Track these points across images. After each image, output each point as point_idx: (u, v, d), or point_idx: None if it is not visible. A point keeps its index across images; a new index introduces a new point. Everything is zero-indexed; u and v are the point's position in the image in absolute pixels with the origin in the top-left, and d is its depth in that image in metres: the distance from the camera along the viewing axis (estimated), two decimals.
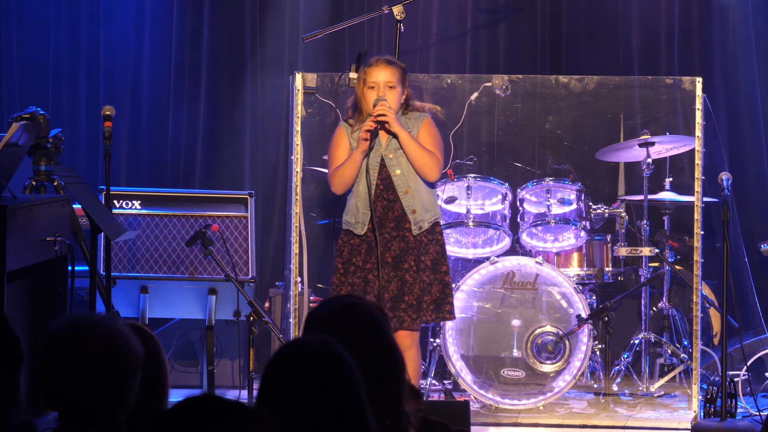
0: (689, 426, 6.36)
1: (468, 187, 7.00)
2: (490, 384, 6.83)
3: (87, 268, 6.09)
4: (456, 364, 6.78)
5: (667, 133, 7.22)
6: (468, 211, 7.01)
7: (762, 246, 7.20)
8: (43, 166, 6.17)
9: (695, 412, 6.48)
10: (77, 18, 8.31)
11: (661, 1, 8.06)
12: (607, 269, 7.19)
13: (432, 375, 6.96)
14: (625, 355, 7.13)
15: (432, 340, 6.98)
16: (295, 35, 8.13)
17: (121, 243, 6.93)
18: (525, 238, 7.10)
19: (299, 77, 6.58)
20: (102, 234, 5.91)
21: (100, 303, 5.99)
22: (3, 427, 2.87)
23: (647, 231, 7.11)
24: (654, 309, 7.25)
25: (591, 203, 7.16)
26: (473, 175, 7.05)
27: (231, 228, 7.05)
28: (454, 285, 6.25)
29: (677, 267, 7.23)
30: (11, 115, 6.06)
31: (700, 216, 6.52)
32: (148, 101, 8.31)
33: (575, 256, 7.20)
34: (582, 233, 7.06)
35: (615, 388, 7.02)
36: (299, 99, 6.55)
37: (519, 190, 7.14)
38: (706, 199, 6.74)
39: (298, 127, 6.52)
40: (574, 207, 7.08)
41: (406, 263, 5.73)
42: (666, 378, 7.08)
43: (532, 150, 7.84)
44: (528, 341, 6.84)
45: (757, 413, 6.53)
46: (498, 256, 6.94)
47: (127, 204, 7.06)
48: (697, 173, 6.54)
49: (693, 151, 6.66)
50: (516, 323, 6.86)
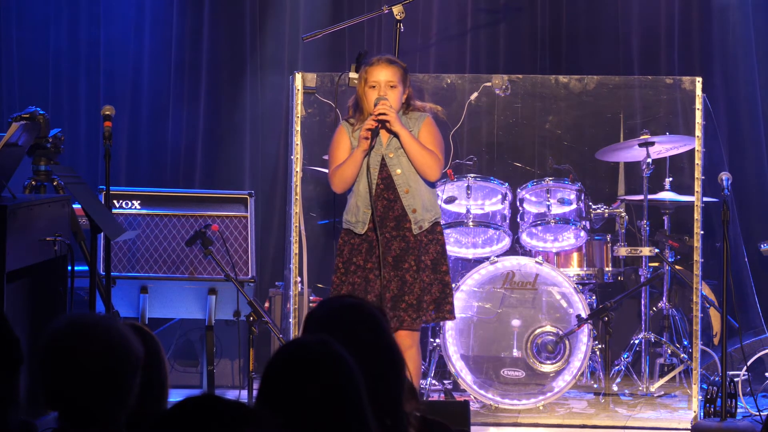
0: (689, 426, 6.36)
1: (468, 187, 7.00)
2: (490, 384, 6.83)
3: (87, 268, 6.09)
4: (456, 364, 6.77)
5: (667, 133, 7.21)
6: (468, 211, 7.00)
7: (762, 246, 7.20)
8: (43, 166, 6.17)
9: (695, 412, 6.48)
10: (77, 18, 8.31)
11: (661, 1, 8.05)
12: (607, 269, 7.19)
13: (432, 375, 6.96)
14: (625, 355, 7.13)
15: (432, 340, 6.97)
16: (295, 35, 8.13)
17: (121, 243, 6.93)
18: (525, 238, 7.10)
19: (299, 77, 6.58)
20: (102, 234, 5.91)
21: (100, 303, 5.99)
22: (3, 427, 2.87)
23: (647, 231, 7.10)
24: (654, 309, 7.24)
25: (591, 203, 7.15)
26: (473, 175, 7.05)
27: (231, 228, 7.05)
28: (454, 285, 6.24)
29: (677, 267, 7.22)
30: (11, 115, 6.06)
31: (700, 216, 6.52)
32: (148, 101, 8.30)
33: (575, 256, 7.20)
34: (582, 233, 7.06)
35: (615, 388, 7.02)
36: (299, 99, 6.55)
37: (519, 190, 7.14)
38: (706, 199, 6.74)
39: (298, 127, 6.51)
40: (574, 207, 7.08)
41: (406, 263, 5.73)
42: (666, 378, 7.08)
43: (532, 150, 7.83)
44: (528, 341, 6.84)
45: (757, 413, 6.53)
46: (498, 256, 6.93)
47: (127, 204, 7.06)
48: (697, 173, 6.53)
49: (693, 151, 6.66)
50: (516, 323, 6.85)
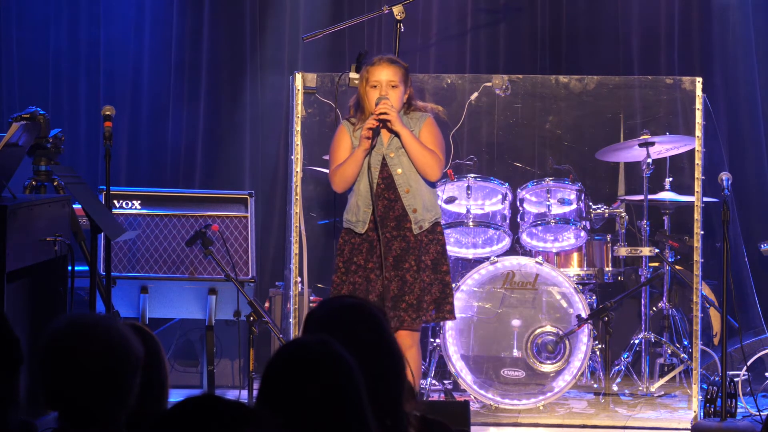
0: (689, 426, 6.36)
1: (468, 187, 7.00)
2: (490, 384, 6.83)
3: (87, 268, 6.09)
4: (456, 364, 6.77)
5: (667, 133, 7.21)
6: (468, 211, 7.00)
7: (762, 246, 7.20)
8: (43, 166, 6.17)
9: (695, 412, 6.48)
10: (77, 18, 8.31)
11: (661, 1, 8.05)
12: (607, 269, 7.19)
13: (432, 375, 6.96)
14: (625, 355, 7.13)
15: (432, 340, 6.97)
16: (295, 35, 8.13)
17: (121, 243, 6.93)
18: (525, 238, 7.10)
19: (299, 77, 6.58)
20: (102, 234, 5.91)
21: (100, 303, 5.99)
22: (3, 427, 2.87)
23: (647, 231, 7.10)
24: (654, 309, 7.24)
25: (591, 203, 7.15)
26: (473, 175, 7.05)
27: (231, 228, 7.05)
28: (454, 285, 6.24)
29: (677, 267, 7.22)
30: (11, 115, 6.06)
31: (700, 216, 6.52)
32: (148, 101, 8.30)
33: (575, 256, 7.20)
34: (582, 233, 7.06)
35: (615, 388, 7.02)
36: (299, 99, 6.55)
37: (519, 190, 7.14)
38: (706, 199, 6.74)
39: (298, 127, 6.51)
40: (574, 207, 7.08)
41: (406, 263, 5.73)
42: (666, 378, 7.08)
43: (532, 150, 7.83)
44: (528, 341, 6.84)
45: (757, 413, 6.53)
46: (498, 256, 6.93)
47: (127, 204, 7.06)
48: (697, 173, 6.53)
49: (693, 151, 6.66)
50: (516, 323, 6.85)
